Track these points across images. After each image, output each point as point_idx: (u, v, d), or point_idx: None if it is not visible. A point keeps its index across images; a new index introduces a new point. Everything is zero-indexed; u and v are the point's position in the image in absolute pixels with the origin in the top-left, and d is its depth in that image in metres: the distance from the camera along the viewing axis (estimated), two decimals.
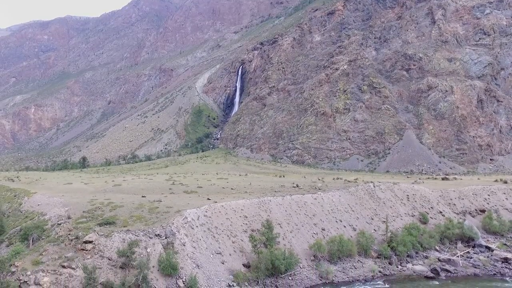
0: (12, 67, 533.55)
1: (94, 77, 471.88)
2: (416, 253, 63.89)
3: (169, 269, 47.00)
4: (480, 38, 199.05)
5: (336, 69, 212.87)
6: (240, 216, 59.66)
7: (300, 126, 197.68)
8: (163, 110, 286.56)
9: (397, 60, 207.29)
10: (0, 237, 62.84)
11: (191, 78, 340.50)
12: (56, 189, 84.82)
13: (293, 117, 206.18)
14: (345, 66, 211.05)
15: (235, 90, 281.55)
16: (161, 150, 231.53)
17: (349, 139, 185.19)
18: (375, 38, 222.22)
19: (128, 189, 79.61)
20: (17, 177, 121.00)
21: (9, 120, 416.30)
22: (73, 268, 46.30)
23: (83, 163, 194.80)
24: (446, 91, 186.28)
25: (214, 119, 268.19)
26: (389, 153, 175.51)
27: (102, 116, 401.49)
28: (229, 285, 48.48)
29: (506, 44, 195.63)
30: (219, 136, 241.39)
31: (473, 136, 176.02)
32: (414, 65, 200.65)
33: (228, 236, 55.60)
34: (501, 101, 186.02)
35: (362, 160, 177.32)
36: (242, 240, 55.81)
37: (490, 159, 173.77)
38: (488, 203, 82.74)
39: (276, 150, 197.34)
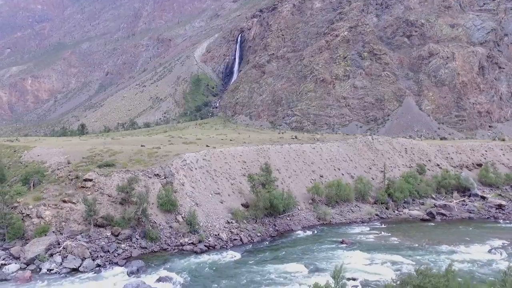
0: (6, 38, 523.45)
1: (91, 48, 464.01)
2: (413, 200, 64.86)
3: (168, 205, 47.67)
4: (484, 3, 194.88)
5: (336, 36, 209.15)
6: (238, 161, 60.03)
7: (299, 93, 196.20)
8: (162, 79, 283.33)
9: (399, 27, 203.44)
10: (1, 185, 63.37)
11: (189, 48, 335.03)
12: (56, 144, 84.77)
13: (293, 84, 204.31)
14: (346, 33, 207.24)
15: (234, 58, 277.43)
16: (160, 118, 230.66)
17: (349, 105, 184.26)
18: (376, 4, 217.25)
19: (127, 142, 79.81)
20: (16, 139, 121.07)
21: (6, 91, 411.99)
22: (73, 203, 46.93)
23: (82, 130, 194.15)
24: (448, 57, 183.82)
25: (213, 88, 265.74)
26: (388, 119, 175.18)
27: (100, 87, 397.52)
28: (228, 222, 49.34)
29: (511, 9, 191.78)
30: (218, 104, 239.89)
31: (473, 103, 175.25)
32: (415, 31, 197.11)
33: (227, 178, 56.11)
34: (503, 68, 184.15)
35: (361, 127, 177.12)
36: (240, 183, 56.37)
37: (489, 126, 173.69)
38: (485, 158, 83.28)
39: (275, 117, 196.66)
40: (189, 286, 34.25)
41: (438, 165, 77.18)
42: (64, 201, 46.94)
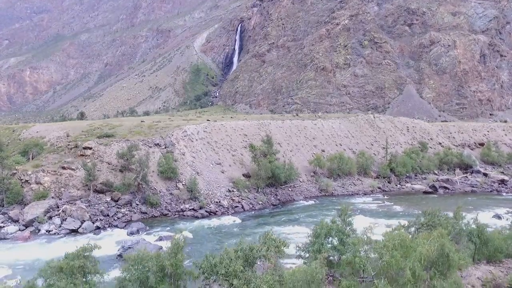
0: (5, 29, 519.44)
1: (90, 40, 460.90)
2: (415, 175, 64.45)
3: (168, 172, 47.07)
4: None
5: (337, 24, 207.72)
6: (240, 134, 59.42)
7: (299, 82, 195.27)
8: (161, 69, 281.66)
9: (400, 15, 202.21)
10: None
11: (189, 38, 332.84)
12: (55, 124, 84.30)
13: (293, 73, 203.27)
14: (346, 21, 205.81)
15: (234, 48, 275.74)
16: (159, 107, 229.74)
17: (349, 93, 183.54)
18: None
19: (127, 120, 79.11)
20: (16, 123, 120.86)
21: (5, 83, 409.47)
22: (73, 169, 46.29)
23: (81, 118, 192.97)
24: (449, 45, 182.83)
25: (212, 78, 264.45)
26: (388, 107, 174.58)
27: (99, 78, 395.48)
28: (229, 191, 48.83)
29: None
30: (217, 94, 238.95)
31: (474, 91, 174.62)
32: (417, 20, 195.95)
33: (228, 150, 55.52)
34: (505, 56, 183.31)
35: None
36: (242, 155, 55.79)
37: (490, 114, 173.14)
38: (487, 138, 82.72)
39: (275, 105, 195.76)
40: (192, 245, 33.68)
41: (440, 143, 76.68)
42: (64, 168, 46.31)
